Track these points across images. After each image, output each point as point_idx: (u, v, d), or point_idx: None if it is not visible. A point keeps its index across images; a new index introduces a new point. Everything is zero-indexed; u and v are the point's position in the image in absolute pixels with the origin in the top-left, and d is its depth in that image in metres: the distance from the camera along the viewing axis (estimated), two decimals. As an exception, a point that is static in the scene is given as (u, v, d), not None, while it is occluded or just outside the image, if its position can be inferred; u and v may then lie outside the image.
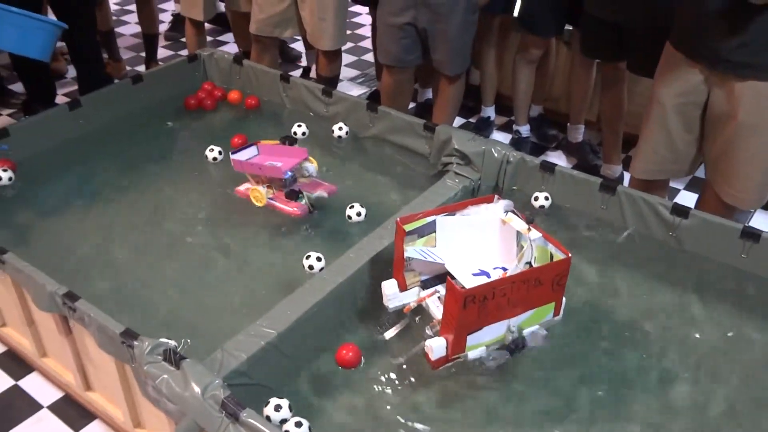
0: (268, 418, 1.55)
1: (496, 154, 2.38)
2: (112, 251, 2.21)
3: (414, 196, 2.31)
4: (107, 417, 1.96)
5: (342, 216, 2.29)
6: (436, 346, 1.66)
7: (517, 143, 3.31)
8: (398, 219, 1.80)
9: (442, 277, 1.90)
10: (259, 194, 2.30)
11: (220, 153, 2.62)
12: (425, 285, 1.89)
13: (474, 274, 1.82)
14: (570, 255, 1.70)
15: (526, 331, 1.72)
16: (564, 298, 1.76)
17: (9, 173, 2.43)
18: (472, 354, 1.68)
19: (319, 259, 2.01)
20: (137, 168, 2.61)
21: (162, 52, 4.21)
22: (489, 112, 3.49)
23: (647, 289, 2.07)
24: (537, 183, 2.35)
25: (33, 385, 2.10)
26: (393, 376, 1.78)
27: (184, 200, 2.46)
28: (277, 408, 1.56)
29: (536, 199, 2.32)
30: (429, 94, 3.65)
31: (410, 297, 1.86)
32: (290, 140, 2.39)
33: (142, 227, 2.32)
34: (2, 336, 2.21)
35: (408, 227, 1.80)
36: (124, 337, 1.65)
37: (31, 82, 3.39)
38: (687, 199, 3.07)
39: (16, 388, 2.09)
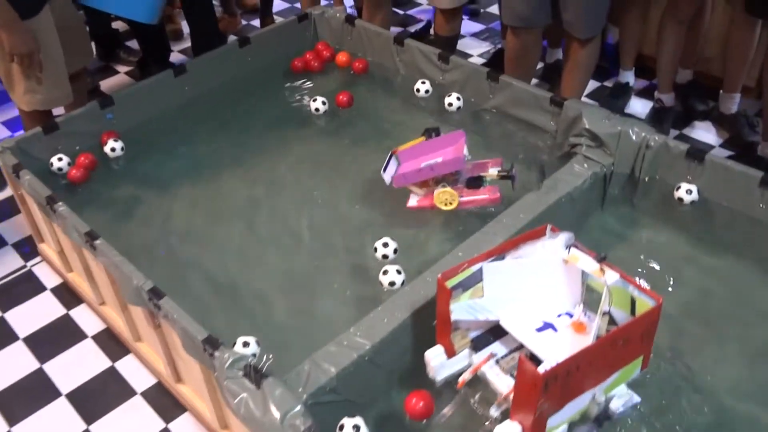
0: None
1: (634, 137, 2.06)
2: (214, 232, 2.14)
3: (536, 181, 2.05)
4: (196, 411, 1.87)
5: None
6: None
7: (659, 113, 2.92)
8: (439, 276, 1.51)
9: (495, 330, 1.62)
10: (449, 195, 2.05)
11: (323, 104, 2.59)
12: (476, 344, 1.61)
13: (538, 329, 1.54)
14: (661, 300, 1.40)
15: (613, 398, 1.46)
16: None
17: (120, 143, 2.40)
18: None
19: (399, 272, 1.83)
20: (242, 138, 2.50)
21: (278, 5, 4.05)
22: (628, 76, 3.08)
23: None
24: (681, 173, 2.02)
25: (128, 368, 2.05)
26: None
27: (293, 177, 2.33)
28: (356, 428, 1.44)
29: (679, 191, 2.00)
30: (559, 54, 3.28)
31: (460, 363, 1.59)
32: (435, 131, 2.17)
33: (246, 209, 2.22)
34: (102, 314, 2.18)
35: (451, 283, 1.51)
36: (205, 345, 1.53)
37: (146, 41, 3.34)
38: None
39: (112, 370, 2.05)
